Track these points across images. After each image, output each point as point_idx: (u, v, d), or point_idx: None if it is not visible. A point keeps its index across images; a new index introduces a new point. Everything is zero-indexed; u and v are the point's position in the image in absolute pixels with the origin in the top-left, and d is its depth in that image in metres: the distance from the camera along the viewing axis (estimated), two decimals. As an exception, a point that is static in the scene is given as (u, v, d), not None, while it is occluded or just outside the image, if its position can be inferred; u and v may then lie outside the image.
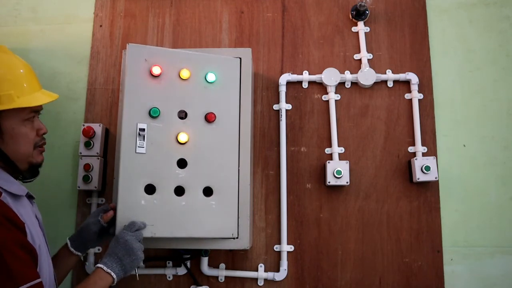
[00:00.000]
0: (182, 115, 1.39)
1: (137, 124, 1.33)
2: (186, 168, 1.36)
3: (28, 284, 0.98)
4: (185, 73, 1.39)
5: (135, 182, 1.31)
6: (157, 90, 1.37)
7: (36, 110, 1.19)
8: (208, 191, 1.36)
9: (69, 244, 1.30)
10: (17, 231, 1.03)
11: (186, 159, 1.36)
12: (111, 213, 1.32)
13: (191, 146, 1.37)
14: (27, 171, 1.19)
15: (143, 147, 1.33)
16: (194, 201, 1.34)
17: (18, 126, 1.13)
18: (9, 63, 1.18)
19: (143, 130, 1.33)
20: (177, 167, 1.35)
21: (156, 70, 1.36)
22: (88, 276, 1.15)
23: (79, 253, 1.31)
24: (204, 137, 1.39)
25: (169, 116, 1.37)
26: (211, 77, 1.40)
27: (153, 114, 1.34)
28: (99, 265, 1.15)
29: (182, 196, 1.34)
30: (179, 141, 1.36)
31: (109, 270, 1.14)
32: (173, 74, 1.39)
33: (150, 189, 1.33)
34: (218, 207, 1.35)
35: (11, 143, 1.12)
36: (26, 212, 1.13)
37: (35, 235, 1.11)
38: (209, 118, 1.38)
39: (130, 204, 1.30)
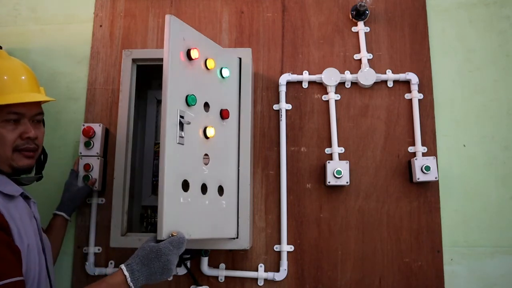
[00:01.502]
0: (206, 108, 1.31)
1: (178, 111, 1.18)
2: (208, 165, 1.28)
3: (6, 281, 0.96)
4: (211, 63, 1.32)
5: (176, 177, 1.17)
6: (191, 75, 1.25)
7: (17, 112, 1.14)
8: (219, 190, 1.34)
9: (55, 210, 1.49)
10: None
11: (209, 155, 1.29)
12: (94, 179, 1.56)
13: (213, 142, 1.31)
14: (11, 175, 1.17)
15: (183, 137, 1.19)
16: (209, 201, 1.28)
17: None
18: None
19: (183, 117, 1.19)
20: (203, 163, 1.27)
21: (195, 54, 1.24)
22: (109, 276, 1.06)
23: (61, 213, 1.47)
24: (219, 134, 1.34)
25: (199, 106, 1.27)
26: (225, 72, 1.37)
27: (191, 102, 1.22)
28: (125, 272, 1.05)
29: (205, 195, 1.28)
30: (207, 135, 1.29)
31: (131, 284, 1.04)
32: (201, 61, 1.30)
33: (185, 185, 1.20)
34: (218, 207, 1.35)
35: None
36: (18, 212, 1.12)
37: (24, 234, 1.10)
38: (224, 115, 1.35)
39: (174, 204, 1.16)
